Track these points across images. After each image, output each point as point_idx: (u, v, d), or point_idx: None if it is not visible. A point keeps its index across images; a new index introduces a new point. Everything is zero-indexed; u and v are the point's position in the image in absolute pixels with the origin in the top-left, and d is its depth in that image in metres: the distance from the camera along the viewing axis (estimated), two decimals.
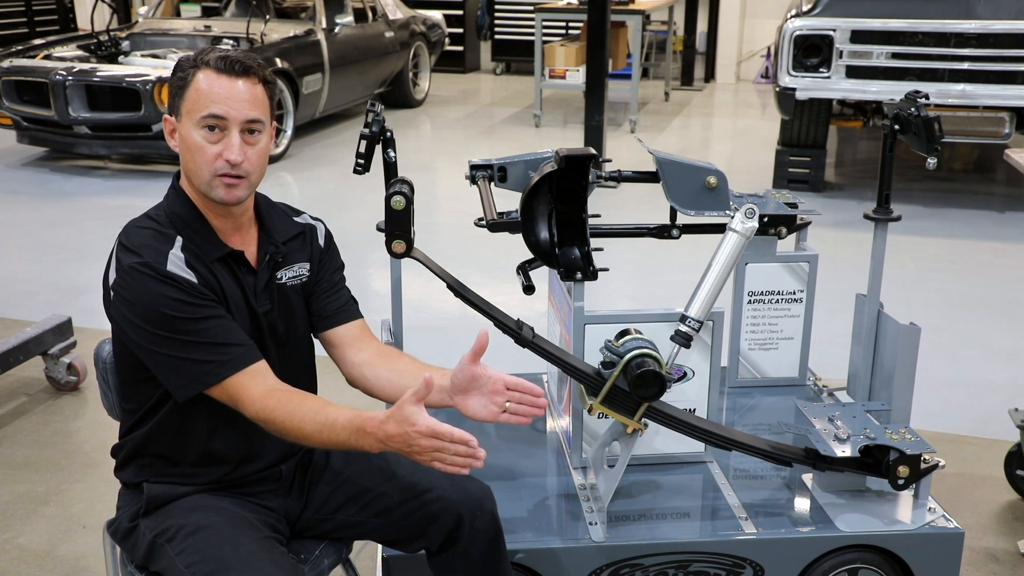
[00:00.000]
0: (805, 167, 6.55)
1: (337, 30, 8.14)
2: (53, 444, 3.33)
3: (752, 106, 10.29)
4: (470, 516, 1.88)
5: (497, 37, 12.09)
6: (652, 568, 2.16)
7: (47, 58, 7.09)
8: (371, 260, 4.95)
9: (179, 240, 1.77)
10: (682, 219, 2.49)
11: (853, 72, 5.92)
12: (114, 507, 1.93)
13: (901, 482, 2.16)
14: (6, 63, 6.95)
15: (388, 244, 2.08)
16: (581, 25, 9.32)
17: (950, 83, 5.74)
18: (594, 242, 2.30)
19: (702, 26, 11.64)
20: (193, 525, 1.75)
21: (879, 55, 5.85)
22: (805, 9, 6.01)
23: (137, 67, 6.86)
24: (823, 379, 2.85)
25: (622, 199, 5.67)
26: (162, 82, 6.44)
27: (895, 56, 5.83)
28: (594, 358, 2.19)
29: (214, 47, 1.76)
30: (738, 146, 8.40)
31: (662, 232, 2.53)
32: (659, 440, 2.41)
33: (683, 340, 2.10)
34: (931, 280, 4.96)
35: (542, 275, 2.51)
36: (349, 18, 8.42)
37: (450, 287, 2.14)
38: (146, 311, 1.70)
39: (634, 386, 2.02)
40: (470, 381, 1.83)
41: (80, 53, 7.30)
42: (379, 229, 2.24)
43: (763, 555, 2.18)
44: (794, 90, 5.98)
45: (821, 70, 5.94)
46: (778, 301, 2.77)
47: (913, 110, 2.31)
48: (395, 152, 2.28)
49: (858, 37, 5.86)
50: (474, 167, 2.45)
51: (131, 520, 1.85)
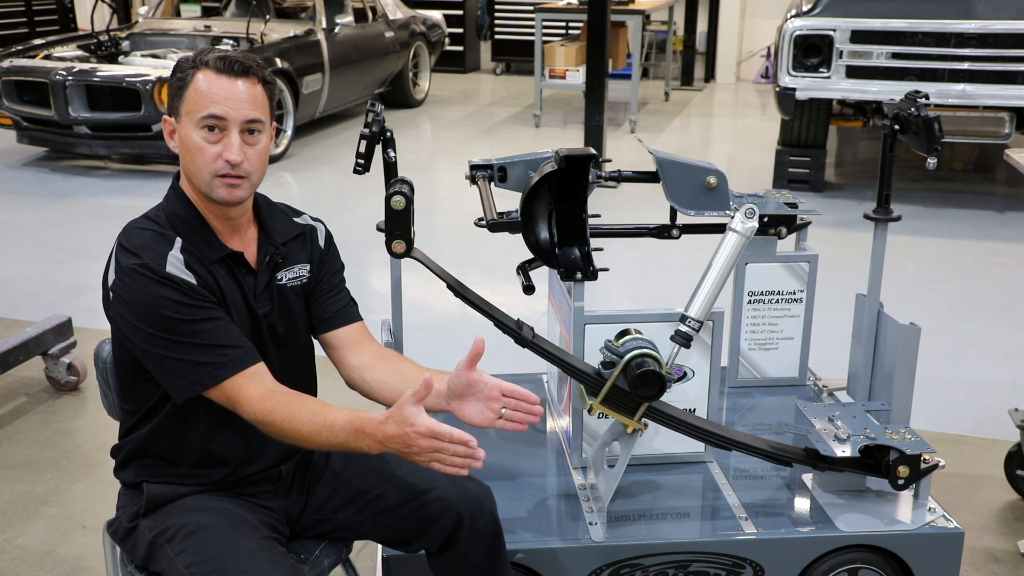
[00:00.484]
0: (805, 167, 6.55)
1: (337, 30, 8.14)
2: (53, 444, 3.34)
3: (752, 106, 10.29)
4: (470, 516, 1.88)
5: (497, 37, 12.09)
6: (652, 568, 2.16)
7: (47, 58, 7.09)
8: (371, 260, 4.95)
9: (178, 241, 1.76)
10: (682, 219, 2.48)
11: (853, 72, 5.92)
12: (114, 507, 1.93)
13: (901, 482, 2.16)
14: (6, 63, 6.95)
15: (388, 244, 2.08)
16: (581, 25, 9.32)
17: (950, 83, 5.74)
18: (594, 242, 2.30)
19: (702, 26, 11.64)
20: (193, 525, 1.75)
21: (879, 55, 5.85)
22: (805, 9, 6.01)
23: (137, 67, 6.86)
24: (823, 379, 2.85)
25: (622, 199, 5.67)
26: (162, 82, 6.44)
27: (895, 56, 5.83)
28: (594, 358, 2.19)
29: (213, 47, 1.76)
30: (738, 146, 8.40)
31: (662, 232, 2.53)
32: (659, 440, 2.41)
33: (683, 340, 2.10)
34: (931, 280, 4.96)
35: (542, 275, 2.51)
36: (349, 18, 8.42)
37: (450, 287, 2.14)
38: (145, 312, 1.70)
39: (634, 386, 2.02)
40: (466, 387, 1.83)
41: (80, 53, 7.30)
42: (379, 229, 2.24)
43: (763, 555, 2.18)
44: (794, 90, 5.98)
45: (821, 70, 5.94)
46: (778, 301, 2.77)
47: (913, 110, 2.31)
48: (395, 152, 2.27)
49: (858, 37, 5.86)
50: (474, 167, 2.45)
51: (131, 520, 1.85)
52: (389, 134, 2.25)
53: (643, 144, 2.67)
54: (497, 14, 11.97)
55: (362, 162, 2.22)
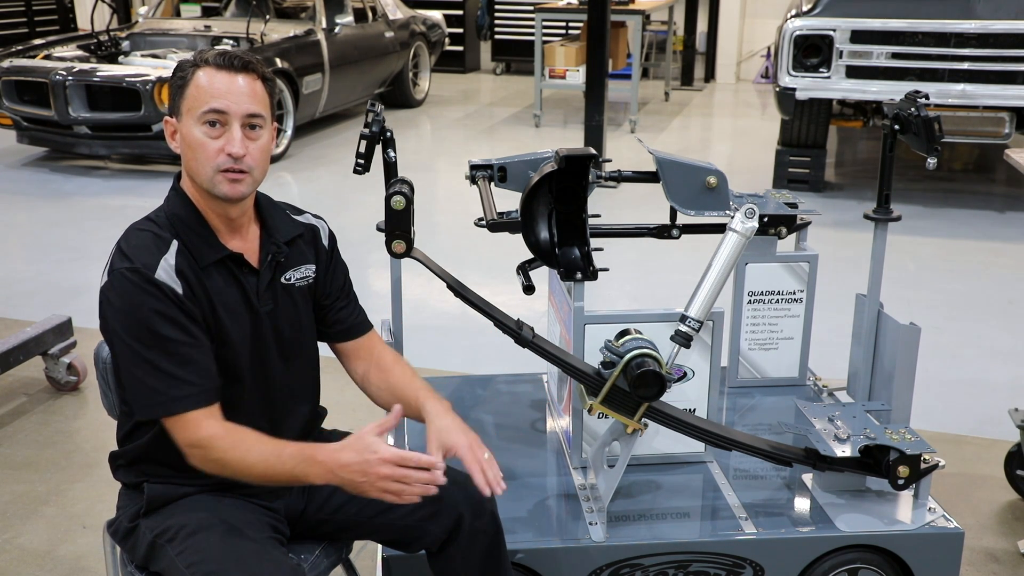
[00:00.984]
0: (805, 167, 6.54)
1: (337, 30, 8.14)
2: (53, 444, 3.33)
3: (752, 106, 10.29)
4: (470, 516, 1.88)
5: (497, 37, 12.09)
6: (652, 568, 2.16)
7: (47, 58, 7.09)
8: (371, 260, 4.95)
9: (174, 245, 1.76)
10: (682, 219, 2.49)
11: (853, 72, 5.91)
12: (114, 507, 1.92)
13: (901, 482, 2.16)
14: (6, 63, 6.95)
15: (388, 244, 2.08)
16: (581, 25, 9.32)
17: (950, 83, 5.74)
18: (594, 242, 2.30)
19: (702, 26, 11.64)
20: (193, 525, 1.75)
21: (879, 55, 5.85)
22: (805, 9, 6.01)
23: (137, 67, 6.86)
24: (823, 379, 2.85)
25: (622, 199, 5.67)
26: (162, 82, 6.44)
27: (895, 56, 5.83)
28: (594, 358, 2.19)
29: (213, 47, 1.76)
30: (738, 146, 8.40)
31: (662, 232, 2.53)
32: (659, 440, 2.41)
33: (683, 340, 2.10)
34: (931, 280, 4.96)
35: (542, 275, 2.51)
36: (349, 18, 8.42)
37: (450, 287, 2.14)
38: (125, 319, 1.71)
39: (634, 386, 2.02)
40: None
41: (80, 53, 7.30)
42: (379, 229, 2.24)
43: (763, 555, 2.18)
44: (794, 90, 5.98)
45: (821, 70, 5.94)
46: (778, 301, 2.77)
47: (913, 110, 2.31)
48: (395, 152, 2.28)
49: (858, 37, 5.86)
50: (474, 167, 2.45)
51: (131, 520, 1.85)
52: (389, 134, 2.25)
53: (643, 144, 2.67)
54: (497, 14, 11.97)
55: (362, 162, 2.22)
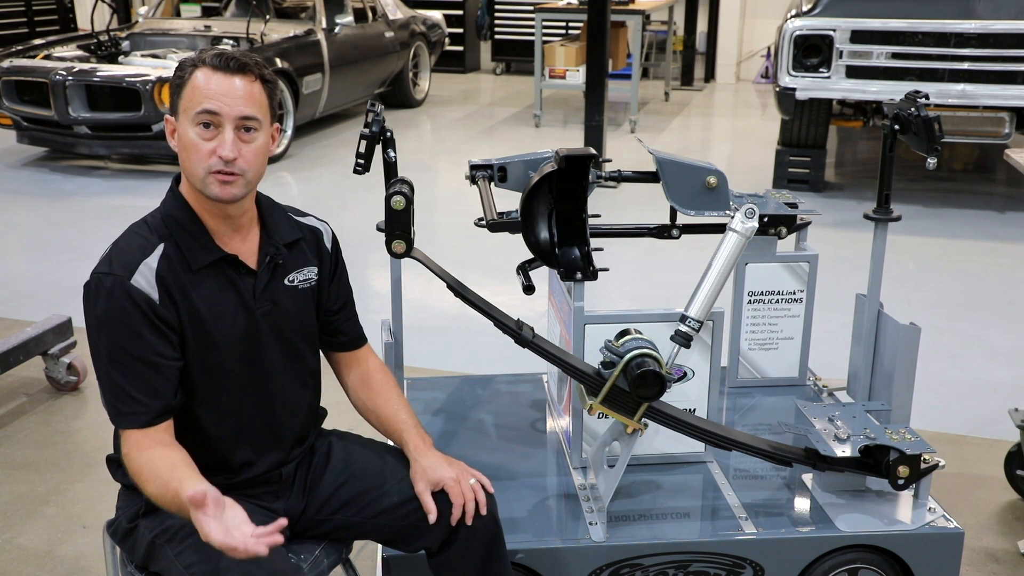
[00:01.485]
0: (805, 167, 6.55)
1: (337, 30, 8.14)
2: (53, 444, 3.33)
3: (752, 106, 10.29)
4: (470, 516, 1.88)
5: (497, 37, 12.08)
6: (652, 568, 2.16)
7: (47, 58, 7.09)
8: (371, 260, 4.95)
9: (160, 248, 1.76)
10: (682, 219, 2.49)
11: (853, 72, 5.91)
12: (114, 507, 1.92)
13: (901, 482, 2.16)
14: (6, 63, 6.94)
15: (388, 244, 2.08)
16: (581, 25, 9.32)
17: (950, 83, 5.74)
18: (594, 242, 2.30)
19: (702, 26, 11.64)
20: (192, 525, 1.75)
21: (879, 55, 5.85)
22: (805, 9, 6.01)
23: (137, 67, 6.86)
24: (823, 379, 2.85)
25: (622, 199, 5.66)
26: (162, 82, 6.44)
27: (895, 56, 5.83)
28: (594, 358, 2.18)
29: (214, 47, 1.75)
30: (738, 146, 8.40)
31: (662, 232, 2.53)
32: (659, 440, 2.41)
33: (683, 340, 2.10)
34: (931, 280, 4.96)
35: (542, 275, 2.51)
36: (349, 18, 8.42)
37: (450, 287, 2.14)
38: (94, 321, 1.73)
39: (634, 386, 2.02)
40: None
41: (80, 53, 7.30)
42: (379, 229, 2.24)
43: (763, 555, 2.18)
44: (794, 90, 5.98)
45: (821, 70, 5.94)
46: (778, 301, 2.77)
47: (913, 110, 2.31)
48: (395, 152, 2.28)
49: (858, 37, 5.86)
50: (474, 167, 2.45)
51: (131, 520, 1.85)
52: (389, 134, 2.25)
53: (643, 144, 2.67)
54: (497, 14, 11.97)
55: (362, 162, 2.22)
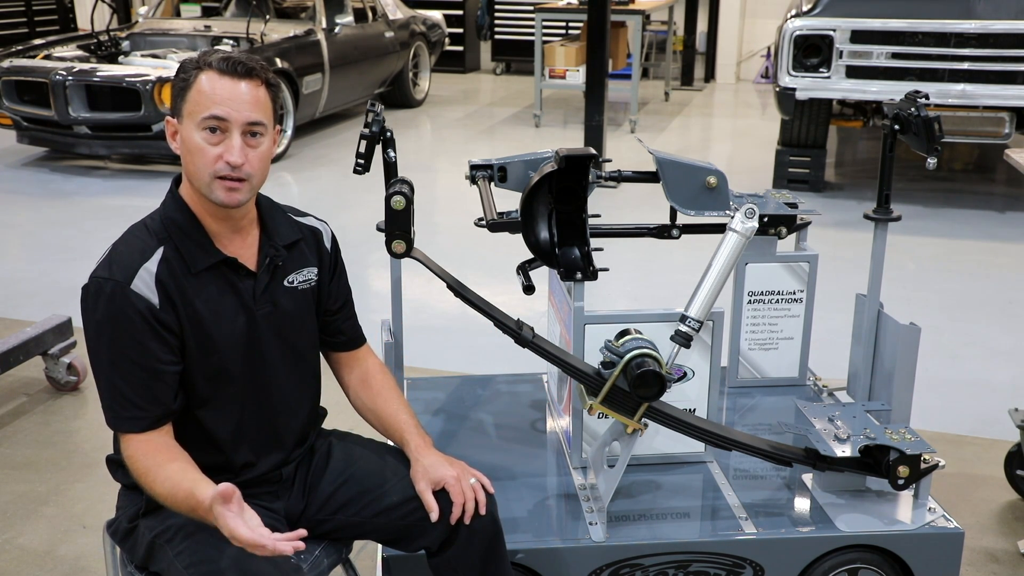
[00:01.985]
0: (805, 167, 6.54)
1: (337, 30, 8.14)
2: (53, 444, 3.33)
3: (752, 106, 10.29)
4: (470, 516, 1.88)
5: (497, 37, 12.08)
6: (652, 568, 2.16)
7: (47, 58, 7.09)
8: (371, 260, 4.95)
9: (159, 252, 1.75)
10: (682, 219, 2.49)
11: (853, 72, 5.91)
12: (114, 507, 1.93)
13: (901, 482, 2.16)
14: (6, 63, 6.94)
15: (388, 244, 2.08)
16: (581, 25, 9.32)
17: (950, 83, 5.74)
18: (594, 242, 2.30)
19: (702, 26, 11.64)
20: (192, 526, 1.75)
21: (879, 55, 5.85)
22: (805, 9, 6.01)
23: (137, 67, 6.85)
24: (823, 379, 2.85)
25: (622, 199, 5.67)
26: (162, 82, 6.44)
27: (895, 56, 5.83)
28: (594, 358, 2.18)
29: (216, 48, 1.74)
30: (738, 146, 8.40)
31: (662, 232, 2.53)
32: (659, 440, 2.41)
33: (683, 340, 2.10)
34: (931, 280, 4.96)
35: (542, 275, 2.51)
36: (349, 18, 8.42)
37: (450, 287, 2.14)
38: (96, 328, 1.72)
39: (634, 386, 2.02)
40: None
41: (80, 53, 7.30)
42: (379, 229, 2.24)
43: (763, 555, 2.18)
44: (794, 90, 5.98)
45: (821, 70, 5.94)
46: (778, 301, 2.77)
47: (913, 110, 2.31)
48: (395, 152, 2.28)
49: (858, 37, 5.86)
50: (474, 167, 2.45)
51: (131, 520, 1.85)
52: (389, 134, 2.25)
53: (643, 144, 2.67)
54: (497, 14, 11.97)
55: (362, 162, 2.22)
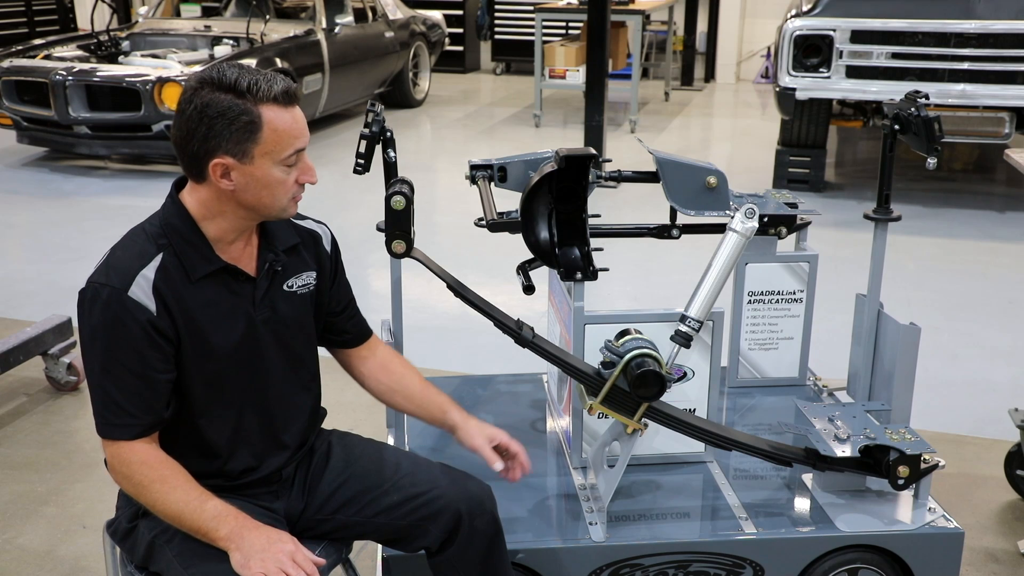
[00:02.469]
0: (805, 167, 6.54)
1: (337, 30, 8.14)
2: (53, 444, 3.33)
3: (752, 106, 10.29)
4: (470, 516, 1.89)
5: (497, 37, 12.08)
6: (652, 568, 2.16)
7: (47, 58, 7.09)
8: (371, 260, 4.95)
9: (158, 259, 1.73)
10: (682, 219, 2.49)
11: (853, 72, 5.91)
12: (114, 507, 1.92)
13: (901, 482, 2.16)
14: (6, 63, 6.94)
15: (388, 244, 2.08)
16: (581, 25, 9.32)
17: (950, 83, 5.74)
18: (594, 242, 2.30)
19: (702, 26, 11.64)
20: None
21: (879, 55, 5.85)
22: (805, 9, 6.01)
23: (137, 67, 6.85)
24: (823, 379, 2.85)
25: (622, 199, 5.67)
26: (162, 82, 6.44)
27: (895, 56, 5.83)
28: (594, 358, 2.18)
29: (235, 65, 1.68)
30: (738, 146, 8.40)
31: (662, 232, 2.53)
32: (659, 440, 2.41)
33: (683, 340, 2.10)
34: (931, 280, 4.96)
35: (542, 275, 2.51)
36: (349, 18, 8.42)
37: (450, 287, 2.14)
38: (91, 333, 1.72)
39: (634, 386, 2.02)
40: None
41: (80, 53, 7.30)
42: (379, 229, 2.24)
43: (763, 555, 2.18)
44: (794, 90, 5.98)
45: (821, 70, 5.94)
46: (778, 301, 2.77)
47: (913, 110, 2.31)
48: (395, 152, 2.28)
49: (858, 37, 5.86)
50: (474, 167, 2.45)
51: (131, 520, 1.85)
52: (389, 134, 2.25)
53: (643, 144, 2.67)
54: (497, 14, 11.97)
55: (362, 162, 2.22)
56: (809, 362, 2.86)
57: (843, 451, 2.17)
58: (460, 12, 11.77)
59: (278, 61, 7.12)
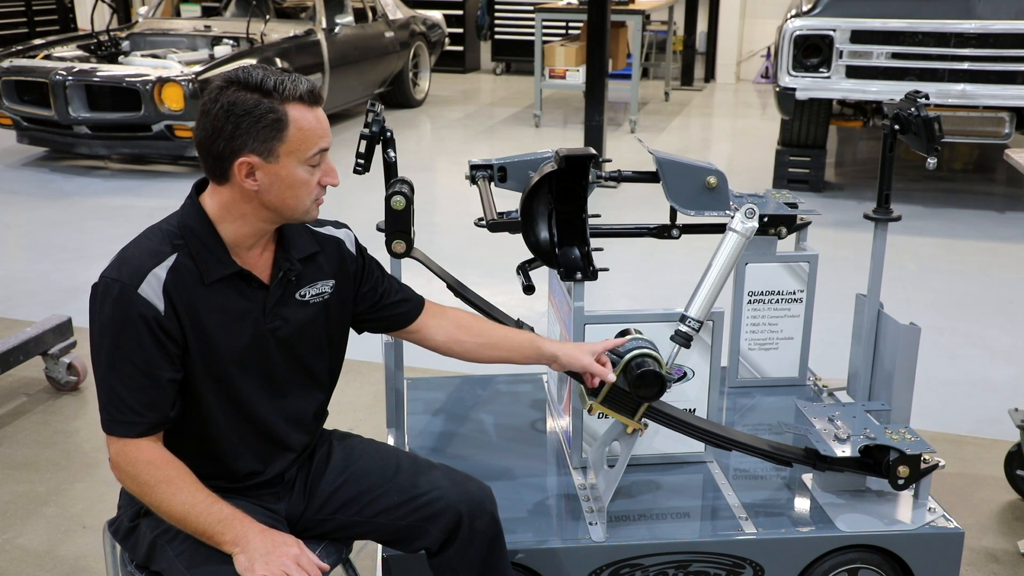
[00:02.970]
0: (805, 167, 6.55)
1: (337, 30, 8.14)
2: (53, 444, 3.34)
3: (752, 106, 10.29)
4: (470, 516, 1.88)
5: (497, 37, 12.09)
6: (652, 568, 2.16)
7: (47, 58, 7.09)
8: None
9: (172, 259, 1.72)
10: (682, 219, 2.49)
11: (853, 72, 5.92)
12: (114, 507, 1.92)
13: (901, 482, 2.17)
14: (6, 63, 6.94)
15: (388, 244, 2.09)
16: (581, 25, 9.32)
17: (950, 83, 5.74)
18: (594, 242, 2.30)
19: (702, 26, 11.64)
20: None
21: (879, 55, 5.85)
22: (805, 9, 6.01)
23: (137, 67, 6.85)
24: (823, 379, 2.85)
25: (622, 199, 5.68)
26: (162, 82, 6.44)
27: (895, 56, 5.83)
28: None
29: (258, 67, 1.68)
30: (738, 146, 8.40)
31: (662, 232, 2.53)
32: (659, 440, 2.41)
33: (683, 340, 2.10)
34: (931, 280, 4.96)
35: (542, 275, 2.51)
36: (349, 18, 8.42)
37: (450, 287, 2.15)
38: (100, 328, 1.71)
39: (634, 386, 2.02)
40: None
41: (80, 53, 7.30)
42: (379, 229, 2.24)
43: (763, 555, 2.18)
44: (794, 90, 5.98)
45: (821, 70, 5.94)
46: (778, 301, 2.77)
47: (913, 110, 2.31)
48: (395, 152, 2.28)
49: (858, 37, 5.86)
50: (474, 167, 2.45)
51: (132, 519, 1.85)
52: (389, 134, 2.26)
53: (643, 144, 2.68)
54: (497, 14, 11.97)
55: (362, 162, 2.22)
56: (809, 362, 2.86)
57: (843, 451, 2.17)
58: (460, 12, 11.77)
59: (278, 61, 7.12)
